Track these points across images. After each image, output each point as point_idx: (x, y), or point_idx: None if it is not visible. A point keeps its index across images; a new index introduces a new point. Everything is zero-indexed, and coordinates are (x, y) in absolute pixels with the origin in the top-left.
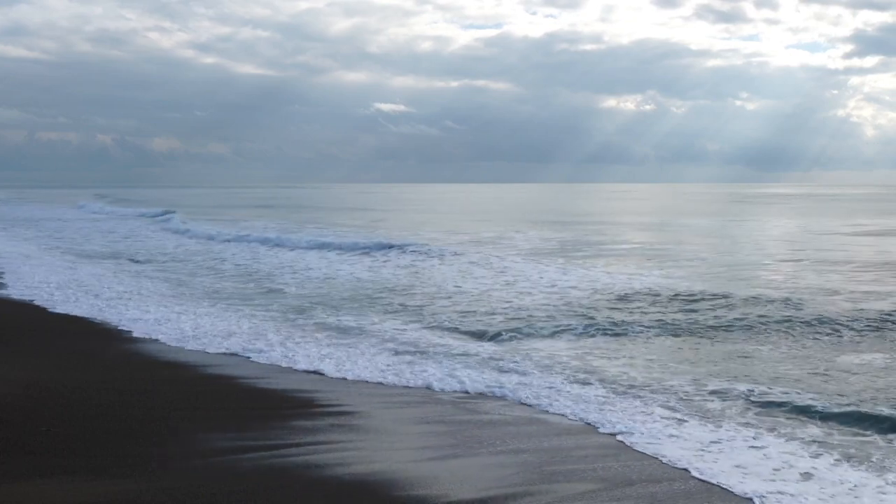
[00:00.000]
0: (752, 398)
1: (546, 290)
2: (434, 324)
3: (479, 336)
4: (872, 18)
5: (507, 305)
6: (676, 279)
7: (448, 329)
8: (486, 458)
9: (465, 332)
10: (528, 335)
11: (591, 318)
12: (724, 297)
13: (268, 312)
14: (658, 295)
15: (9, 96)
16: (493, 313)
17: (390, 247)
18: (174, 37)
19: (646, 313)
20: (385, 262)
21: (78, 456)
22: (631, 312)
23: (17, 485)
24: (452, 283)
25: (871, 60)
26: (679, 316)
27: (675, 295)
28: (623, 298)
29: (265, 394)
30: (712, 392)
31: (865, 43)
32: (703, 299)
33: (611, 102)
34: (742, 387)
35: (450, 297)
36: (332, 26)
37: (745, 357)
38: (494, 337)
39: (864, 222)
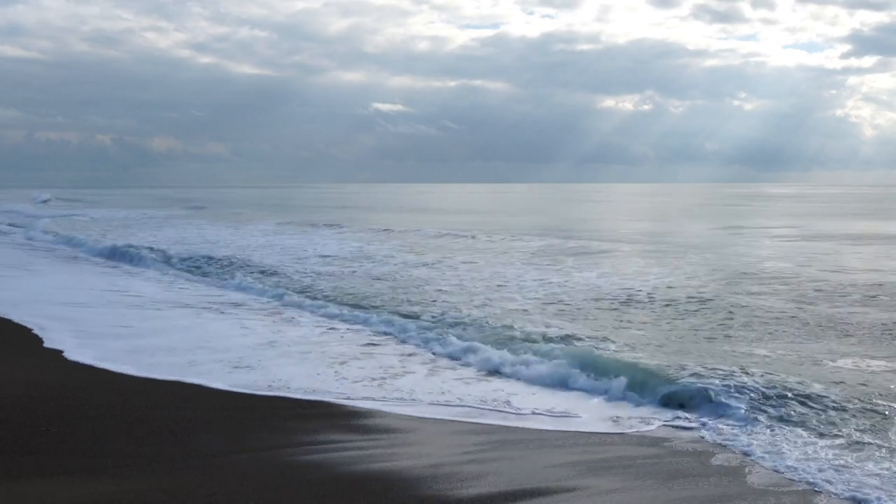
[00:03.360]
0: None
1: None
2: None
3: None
4: (869, 18)
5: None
6: (670, 283)
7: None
8: (485, 458)
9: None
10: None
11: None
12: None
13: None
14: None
15: (6, 96)
16: None
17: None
18: (171, 37)
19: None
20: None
21: (78, 456)
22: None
23: (17, 485)
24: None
25: (868, 60)
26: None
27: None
28: (626, 304)
29: (265, 394)
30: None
31: (863, 43)
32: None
33: (608, 102)
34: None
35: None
36: (328, 26)
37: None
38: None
39: (866, 224)
